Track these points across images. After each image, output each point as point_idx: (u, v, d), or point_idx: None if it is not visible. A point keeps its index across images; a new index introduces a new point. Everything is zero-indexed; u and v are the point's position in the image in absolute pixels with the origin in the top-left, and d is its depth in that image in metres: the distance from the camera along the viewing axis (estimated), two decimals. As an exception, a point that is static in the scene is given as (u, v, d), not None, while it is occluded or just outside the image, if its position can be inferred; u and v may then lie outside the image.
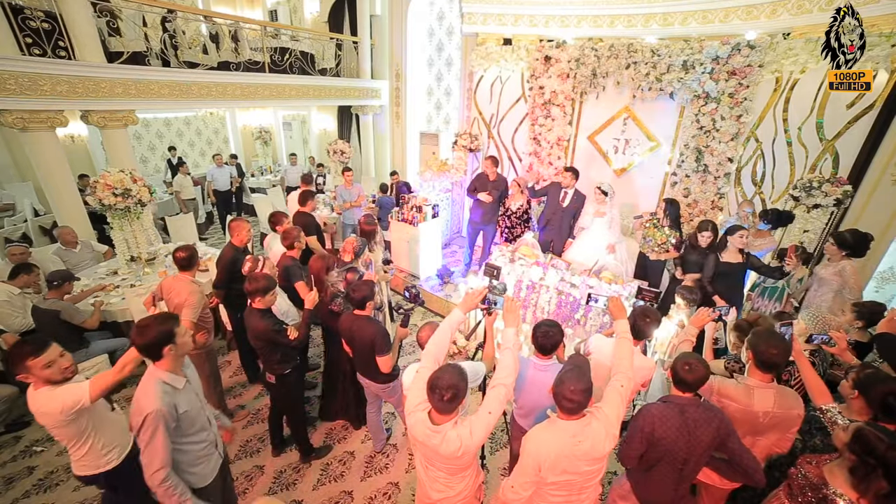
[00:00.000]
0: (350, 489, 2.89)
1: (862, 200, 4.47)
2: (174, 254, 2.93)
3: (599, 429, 1.61)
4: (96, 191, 3.92)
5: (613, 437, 1.63)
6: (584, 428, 1.61)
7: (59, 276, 3.35)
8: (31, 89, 3.94)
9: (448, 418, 1.63)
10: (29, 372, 1.77)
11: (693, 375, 1.74)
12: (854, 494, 1.47)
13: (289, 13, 10.93)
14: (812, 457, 1.71)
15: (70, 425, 1.84)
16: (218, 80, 6.00)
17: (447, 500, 1.84)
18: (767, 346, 1.82)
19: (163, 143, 9.97)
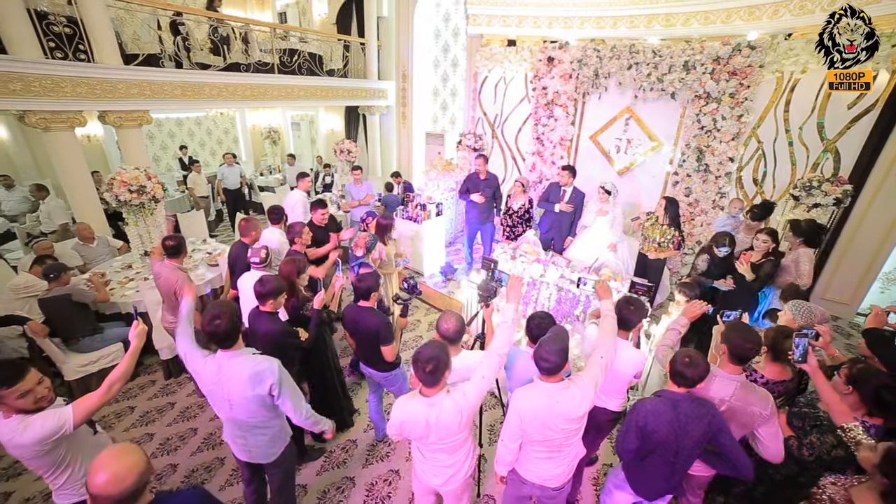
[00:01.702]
0: (352, 475, 3.00)
1: (866, 201, 4.50)
2: (163, 241, 3.09)
3: (576, 392, 1.76)
4: (113, 187, 4.08)
5: (589, 400, 1.77)
6: (562, 391, 1.76)
7: (53, 269, 3.43)
8: (53, 91, 4.13)
9: (436, 390, 1.76)
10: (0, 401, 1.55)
11: (693, 370, 1.77)
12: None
13: (298, 15, 11.12)
14: (837, 478, 1.69)
15: (46, 455, 1.63)
16: (228, 81, 6.16)
17: (447, 483, 1.95)
18: (743, 341, 1.89)
19: (174, 142, 10.20)
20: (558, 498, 2.06)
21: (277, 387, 1.89)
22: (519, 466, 2.00)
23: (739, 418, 1.98)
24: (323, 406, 3.13)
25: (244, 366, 1.86)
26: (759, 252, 3.20)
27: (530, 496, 2.10)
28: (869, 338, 2.15)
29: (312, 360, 3.04)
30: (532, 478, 1.96)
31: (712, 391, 1.99)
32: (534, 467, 1.95)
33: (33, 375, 1.60)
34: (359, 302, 2.68)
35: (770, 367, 2.25)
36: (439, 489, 2.01)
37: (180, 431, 3.34)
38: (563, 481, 1.96)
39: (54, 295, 3.32)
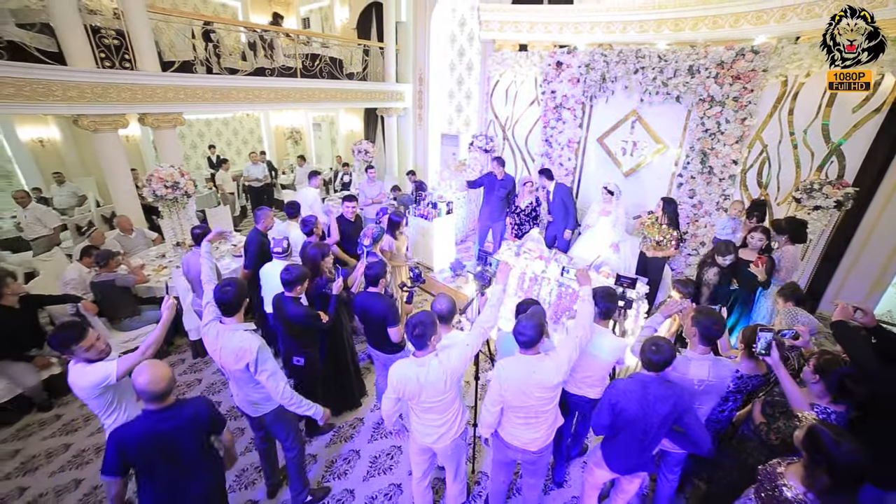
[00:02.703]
0: (358, 448, 3.27)
1: (879, 205, 4.50)
2: (192, 230, 3.48)
3: (551, 365, 2.00)
4: (151, 183, 4.50)
5: (563, 373, 2.00)
6: (538, 363, 2.01)
7: (103, 256, 3.87)
8: (102, 97, 4.60)
9: (425, 352, 2.05)
10: (73, 353, 2.03)
11: (659, 356, 1.95)
12: (801, 487, 1.61)
13: (321, 20, 11.58)
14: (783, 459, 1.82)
15: (99, 398, 2.07)
16: (254, 85, 6.57)
17: (438, 440, 2.21)
18: (711, 323, 2.09)
19: (203, 141, 10.79)
20: (539, 463, 2.28)
21: (254, 365, 2.17)
22: (502, 432, 2.23)
23: (717, 391, 2.21)
24: (335, 382, 3.44)
25: (232, 339, 2.18)
26: (755, 250, 3.31)
27: (514, 460, 2.33)
28: (835, 330, 2.28)
29: (329, 340, 3.32)
30: (514, 442, 2.19)
31: (691, 373, 2.17)
32: (515, 432, 2.17)
33: (93, 333, 2.08)
34: (368, 288, 2.95)
35: (745, 363, 2.40)
36: (433, 447, 2.25)
37: (206, 404, 3.68)
38: (541, 445, 2.17)
39: (102, 279, 3.73)
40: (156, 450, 1.78)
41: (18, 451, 3.13)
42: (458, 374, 2.07)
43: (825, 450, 1.53)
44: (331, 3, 10.68)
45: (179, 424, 1.82)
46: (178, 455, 1.83)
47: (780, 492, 1.67)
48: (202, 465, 1.95)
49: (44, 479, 2.93)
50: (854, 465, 1.50)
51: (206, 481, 1.97)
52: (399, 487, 2.94)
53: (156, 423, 1.78)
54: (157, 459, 1.80)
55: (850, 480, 1.52)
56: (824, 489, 1.54)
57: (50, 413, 3.49)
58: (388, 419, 2.25)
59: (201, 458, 1.93)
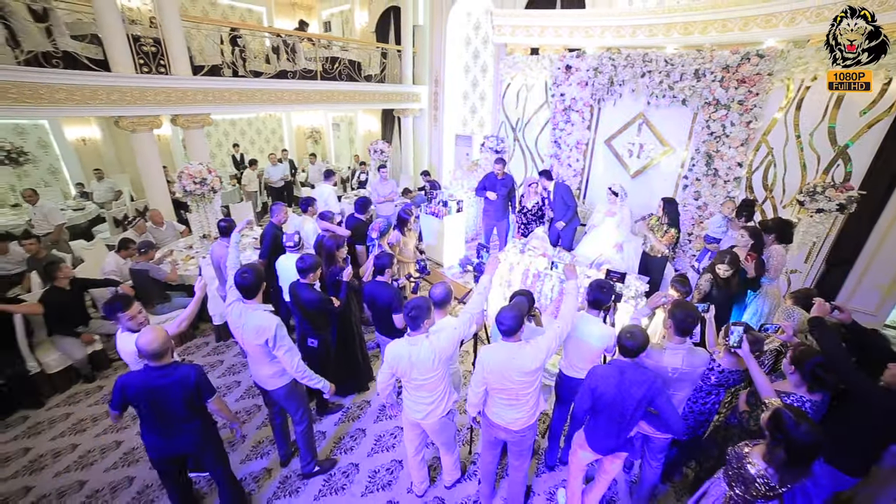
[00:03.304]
0: (364, 427, 3.52)
1: (893, 211, 4.48)
2: (218, 223, 3.80)
3: (530, 352, 2.17)
4: (181, 179, 4.88)
5: (541, 360, 2.18)
6: (518, 350, 2.18)
7: (144, 245, 4.35)
8: (140, 100, 5.01)
9: (418, 333, 2.26)
10: (118, 320, 2.42)
11: (633, 342, 2.12)
12: (763, 463, 1.78)
13: (341, 24, 11.96)
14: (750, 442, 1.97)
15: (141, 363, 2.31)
16: (277, 87, 6.93)
17: (426, 417, 2.43)
18: (685, 317, 2.23)
19: (228, 140, 11.32)
20: (522, 444, 2.47)
21: (273, 341, 2.44)
22: (489, 412, 2.43)
23: (691, 378, 2.36)
24: (345, 366, 3.70)
25: (253, 318, 2.44)
26: (742, 249, 3.40)
27: (501, 440, 2.52)
28: (811, 326, 2.39)
29: (339, 326, 3.59)
30: (499, 421, 2.39)
31: (664, 362, 2.33)
32: (500, 412, 2.37)
33: (136, 306, 2.46)
34: (376, 277, 3.21)
35: (727, 358, 2.53)
36: (421, 423, 2.47)
37: (227, 383, 4.01)
38: (523, 425, 2.35)
39: (140, 267, 4.11)
40: (148, 400, 2.12)
41: (69, 415, 3.54)
42: (447, 354, 2.28)
43: (785, 429, 1.69)
44: (351, 7, 11.02)
45: (169, 383, 2.13)
46: (166, 408, 2.16)
47: (745, 469, 1.83)
48: (189, 422, 2.25)
49: (90, 439, 3.32)
50: (809, 443, 1.66)
51: (193, 436, 2.28)
52: (400, 463, 3.17)
53: (152, 378, 2.12)
54: (150, 408, 2.15)
55: (805, 457, 1.68)
56: (782, 464, 1.71)
57: (93, 384, 3.90)
58: (383, 392, 2.48)
59: (189, 416, 2.22)
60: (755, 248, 3.41)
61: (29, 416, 3.50)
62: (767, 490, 1.78)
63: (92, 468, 3.04)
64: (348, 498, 2.90)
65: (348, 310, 3.59)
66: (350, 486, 2.99)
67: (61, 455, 3.15)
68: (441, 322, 2.53)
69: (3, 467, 3.03)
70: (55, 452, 3.17)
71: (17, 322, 3.42)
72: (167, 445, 2.26)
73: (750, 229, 3.45)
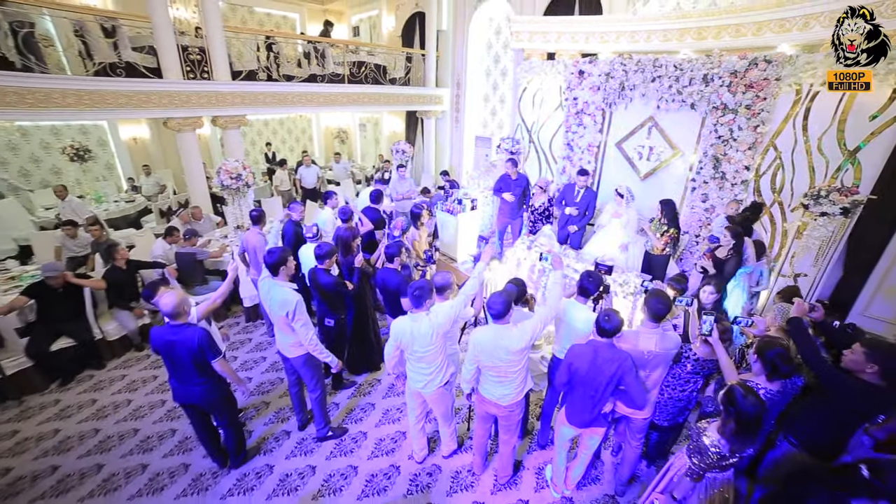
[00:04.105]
0: (373, 402, 3.88)
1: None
2: (250, 213, 4.25)
3: (516, 333, 2.43)
4: (220, 174, 5.41)
5: (525, 341, 2.43)
6: (506, 331, 2.44)
7: (189, 232, 4.89)
8: (187, 103, 5.60)
9: (419, 311, 2.59)
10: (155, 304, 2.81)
11: (609, 323, 2.35)
12: (717, 435, 2.01)
13: (369, 29, 12.47)
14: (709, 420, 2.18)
15: None
16: (307, 90, 7.44)
17: (426, 386, 2.75)
18: (658, 304, 2.43)
19: (261, 139, 12.05)
20: (510, 419, 2.75)
21: (292, 314, 2.82)
22: (481, 389, 2.72)
23: (665, 360, 2.58)
24: (359, 346, 4.09)
25: (279, 292, 2.84)
26: (725, 248, 3.56)
27: (492, 415, 2.81)
28: (789, 326, 2.55)
29: (355, 309, 3.97)
30: (489, 397, 2.67)
31: (640, 345, 2.54)
32: (491, 388, 2.65)
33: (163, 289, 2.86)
34: (387, 265, 3.56)
35: (702, 348, 2.71)
36: (422, 392, 2.79)
37: (255, 358, 4.48)
38: (511, 401, 2.63)
39: (185, 251, 4.64)
40: (166, 350, 2.60)
41: (125, 376, 4.11)
42: (444, 329, 2.60)
43: (736, 402, 1.93)
44: (379, 12, 11.50)
45: (179, 340, 2.56)
46: (176, 360, 2.61)
47: (701, 441, 2.07)
48: (197, 376, 2.67)
49: (141, 396, 3.87)
50: (754, 414, 1.88)
51: (204, 392, 2.73)
52: (403, 434, 3.51)
53: (168, 333, 2.58)
54: (168, 357, 2.63)
55: (751, 426, 1.91)
56: (732, 434, 1.95)
57: (143, 353, 4.47)
58: (389, 362, 2.82)
59: (195, 370, 2.64)
60: (736, 248, 3.60)
61: (94, 375, 4.12)
62: (719, 459, 2.00)
63: (143, 419, 3.56)
64: (356, 460, 3.26)
65: (363, 295, 3.97)
66: (358, 450, 3.35)
67: (119, 408, 3.70)
68: (440, 305, 2.84)
69: (77, 413, 3.65)
70: (115, 405, 3.73)
71: (86, 295, 4.00)
72: (183, 393, 2.74)
73: (731, 230, 3.62)
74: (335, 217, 4.81)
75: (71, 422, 3.53)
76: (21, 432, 3.41)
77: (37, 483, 2.96)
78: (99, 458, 3.19)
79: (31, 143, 7.60)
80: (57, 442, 3.32)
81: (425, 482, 3.08)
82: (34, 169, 7.73)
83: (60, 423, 3.52)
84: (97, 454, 3.23)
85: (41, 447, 3.27)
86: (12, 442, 3.31)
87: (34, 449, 3.25)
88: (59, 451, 3.23)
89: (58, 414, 3.61)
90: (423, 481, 3.09)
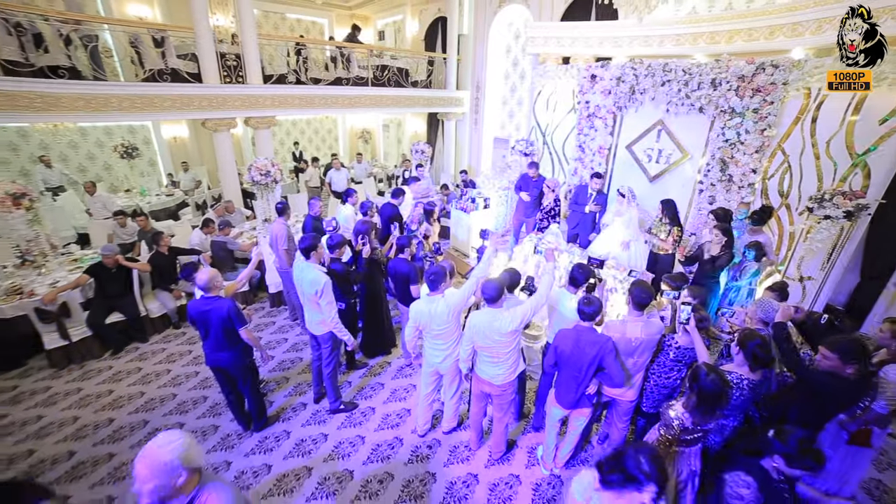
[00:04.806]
0: (383, 382, 4.22)
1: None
2: (276, 205, 4.72)
3: (507, 317, 2.69)
4: (251, 171, 5.89)
5: (515, 325, 2.69)
6: (498, 314, 2.71)
7: (223, 223, 5.36)
8: (223, 105, 6.13)
9: (436, 293, 2.94)
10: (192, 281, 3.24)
11: (590, 308, 2.59)
12: (681, 409, 2.23)
13: (394, 33, 12.90)
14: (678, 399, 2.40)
15: None
16: (333, 93, 7.88)
17: (443, 361, 3.08)
18: (641, 293, 2.64)
19: (289, 138, 12.67)
20: (503, 398, 3.01)
21: (321, 293, 3.18)
22: (477, 369, 3.00)
23: (649, 345, 2.78)
24: (373, 330, 4.44)
25: (310, 272, 3.22)
26: (717, 245, 3.71)
27: (487, 394, 3.07)
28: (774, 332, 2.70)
29: (368, 297, 4.31)
30: (484, 376, 2.94)
31: (628, 333, 2.75)
32: (485, 368, 2.92)
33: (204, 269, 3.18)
34: (398, 255, 3.89)
35: (683, 338, 2.89)
36: (438, 367, 3.12)
37: (277, 339, 4.90)
38: (503, 381, 2.89)
39: (219, 239, 5.13)
40: (200, 319, 3.00)
41: (164, 350, 4.63)
42: (458, 308, 2.93)
43: (699, 379, 2.15)
44: (403, 17, 11.89)
45: (212, 309, 2.96)
46: (209, 328, 3.00)
47: (667, 415, 2.29)
48: (226, 343, 3.05)
49: (179, 367, 4.36)
50: (713, 390, 2.10)
51: (231, 358, 3.12)
52: (408, 412, 3.82)
53: (203, 304, 2.98)
54: (202, 325, 3.02)
55: (710, 401, 2.13)
56: (694, 406, 2.17)
57: (179, 330, 5.00)
58: (409, 343, 3.16)
59: (224, 338, 3.02)
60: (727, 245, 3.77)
61: (139, 347, 4.67)
62: (681, 431, 2.21)
63: (180, 386, 4.04)
64: (364, 431, 3.60)
65: (376, 283, 4.32)
66: (366, 422, 3.69)
67: (160, 376, 4.20)
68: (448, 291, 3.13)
69: (126, 378, 4.20)
70: (156, 373, 4.24)
71: (134, 276, 4.53)
72: (214, 358, 3.15)
73: (722, 228, 3.78)
74: (355, 213, 5.20)
75: (122, 384, 4.07)
76: (84, 390, 3.99)
77: (97, 431, 3.50)
78: (144, 415, 3.69)
79: (87, 142, 8.40)
80: (112, 400, 3.86)
81: (425, 453, 3.39)
82: (90, 165, 8.54)
83: (113, 385, 4.06)
84: (143, 412, 3.72)
85: (100, 402, 3.83)
86: (78, 397, 3.90)
87: (94, 404, 3.82)
88: (113, 408, 3.77)
89: (111, 377, 4.17)
90: (423, 452, 3.39)
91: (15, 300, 3.97)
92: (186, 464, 1.46)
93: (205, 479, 1.57)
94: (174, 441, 1.47)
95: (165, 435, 1.50)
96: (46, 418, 3.62)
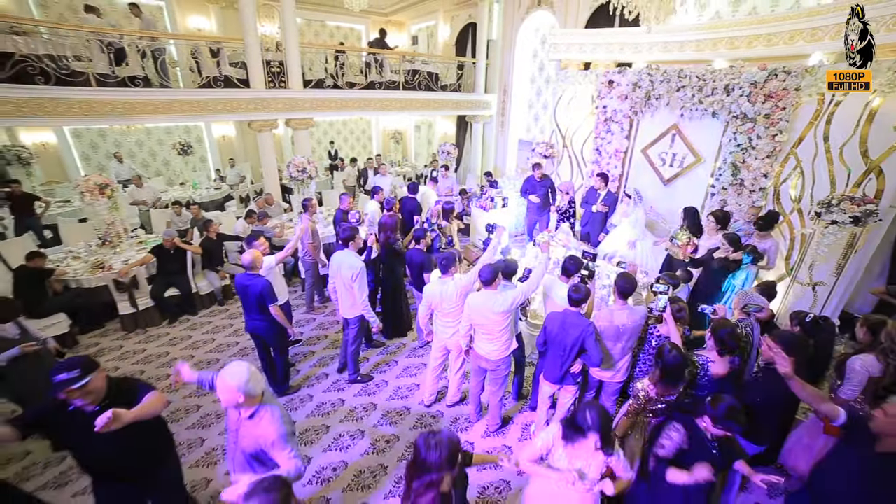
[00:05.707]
0: (397, 360, 4.67)
1: None
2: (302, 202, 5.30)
3: (500, 298, 3.05)
4: (290, 168, 6.53)
5: (507, 306, 3.04)
6: (493, 296, 3.07)
7: (262, 214, 6.05)
8: (267, 108, 6.82)
9: (447, 276, 3.36)
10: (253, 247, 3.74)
11: (577, 294, 2.90)
12: (647, 382, 2.51)
13: (426, 38, 13.41)
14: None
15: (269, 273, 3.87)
16: (366, 96, 8.46)
17: (452, 337, 3.48)
18: (625, 283, 2.91)
19: (326, 138, 13.47)
20: (497, 373, 3.35)
21: (356, 276, 3.64)
22: (475, 346, 3.36)
23: (634, 330, 3.04)
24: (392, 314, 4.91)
25: (348, 258, 3.70)
26: (725, 251, 3.84)
27: (484, 369, 3.43)
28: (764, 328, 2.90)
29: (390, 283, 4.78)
30: (480, 352, 3.31)
31: (616, 321, 3.03)
32: (482, 345, 3.29)
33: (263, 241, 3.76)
34: (415, 246, 4.33)
35: (664, 327, 3.12)
36: (447, 342, 3.53)
37: (307, 318, 5.47)
38: (497, 356, 3.24)
39: (259, 228, 5.78)
40: (242, 291, 3.53)
41: (210, 322, 5.32)
42: (466, 290, 3.33)
43: (663, 355, 2.44)
44: (436, 23, 12.37)
45: (249, 285, 3.47)
46: (246, 301, 3.54)
47: (636, 388, 2.57)
48: (259, 313, 3.56)
49: (222, 337, 5.02)
50: (674, 363, 2.38)
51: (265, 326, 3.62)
52: (417, 386, 4.24)
53: (244, 279, 3.50)
54: (243, 297, 3.56)
55: (672, 374, 2.41)
56: (658, 378, 2.46)
57: (223, 307, 5.68)
58: (422, 321, 3.60)
59: (258, 309, 3.53)
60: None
61: (189, 319, 5.39)
62: (646, 401, 2.49)
63: (223, 353, 4.70)
64: (376, 399, 4.05)
65: (396, 272, 4.77)
66: (378, 393, 4.15)
67: (206, 343, 4.88)
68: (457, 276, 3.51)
69: (180, 343, 4.92)
70: (204, 341, 4.92)
71: (188, 258, 5.25)
72: (252, 325, 3.70)
73: (728, 236, 3.90)
74: (381, 208, 5.70)
75: (176, 348, 4.78)
76: (147, 350, 4.75)
77: (158, 383, 4.16)
78: (194, 374, 4.33)
79: (151, 140, 9.46)
80: (169, 360, 4.57)
81: (429, 422, 3.79)
82: (151, 161, 9.60)
83: (170, 348, 4.78)
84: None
85: (159, 361, 4.56)
86: (143, 356, 4.66)
87: (155, 362, 4.54)
88: (170, 365, 4.45)
89: (168, 342, 4.89)
90: (428, 421, 3.80)
91: (98, 273, 4.80)
92: (245, 389, 1.92)
93: (266, 399, 2.07)
94: (238, 373, 1.93)
95: (234, 365, 1.97)
96: (121, 370, 4.38)
